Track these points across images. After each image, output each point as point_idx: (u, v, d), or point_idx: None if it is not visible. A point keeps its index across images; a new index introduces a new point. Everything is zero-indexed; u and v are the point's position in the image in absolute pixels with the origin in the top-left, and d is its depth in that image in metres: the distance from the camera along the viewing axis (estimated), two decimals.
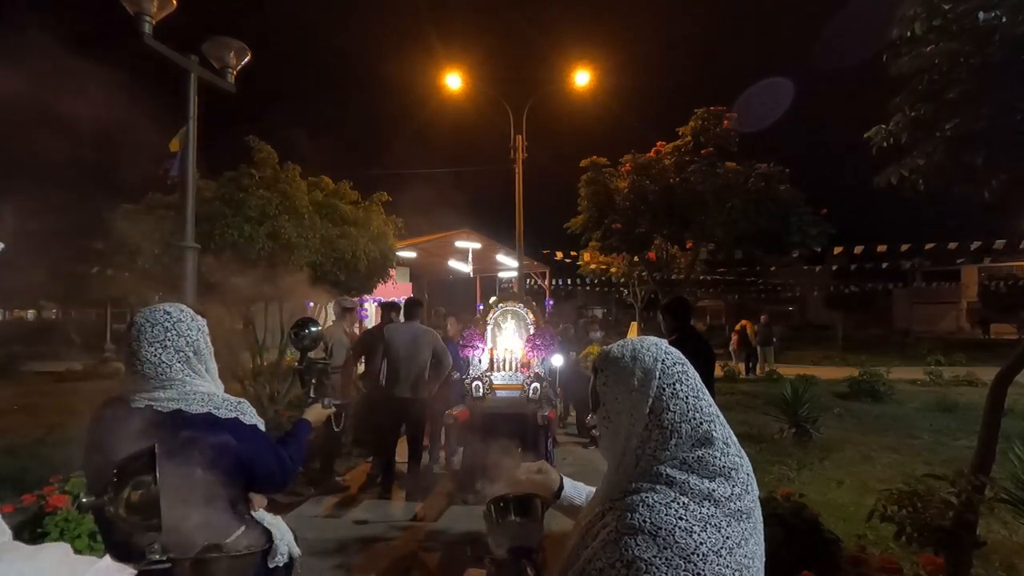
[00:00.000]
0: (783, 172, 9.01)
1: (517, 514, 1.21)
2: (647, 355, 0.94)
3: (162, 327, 1.39)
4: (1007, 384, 2.85)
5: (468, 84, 11.74)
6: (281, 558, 1.57)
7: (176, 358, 1.39)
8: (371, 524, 4.22)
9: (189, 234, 3.97)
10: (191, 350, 1.42)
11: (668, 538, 0.78)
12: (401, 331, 4.98)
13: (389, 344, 4.90)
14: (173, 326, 1.40)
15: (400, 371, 4.82)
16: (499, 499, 1.23)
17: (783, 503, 2.96)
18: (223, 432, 1.38)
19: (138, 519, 1.04)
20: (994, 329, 28.81)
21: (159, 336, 1.38)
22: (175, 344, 1.39)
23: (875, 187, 3.04)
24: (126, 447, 1.12)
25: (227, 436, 1.38)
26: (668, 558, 0.77)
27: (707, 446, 0.88)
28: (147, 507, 1.02)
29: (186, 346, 1.41)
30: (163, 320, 1.41)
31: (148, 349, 1.37)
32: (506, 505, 1.21)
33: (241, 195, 5.25)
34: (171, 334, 1.39)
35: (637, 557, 0.78)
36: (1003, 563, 3.29)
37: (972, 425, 5.60)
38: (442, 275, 19.70)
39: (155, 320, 1.40)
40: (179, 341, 1.40)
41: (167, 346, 1.38)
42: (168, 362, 1.38)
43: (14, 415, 8.66)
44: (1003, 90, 2.49)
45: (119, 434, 1.33)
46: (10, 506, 3.41)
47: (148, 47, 3.61)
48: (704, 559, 0.78)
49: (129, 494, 1.02)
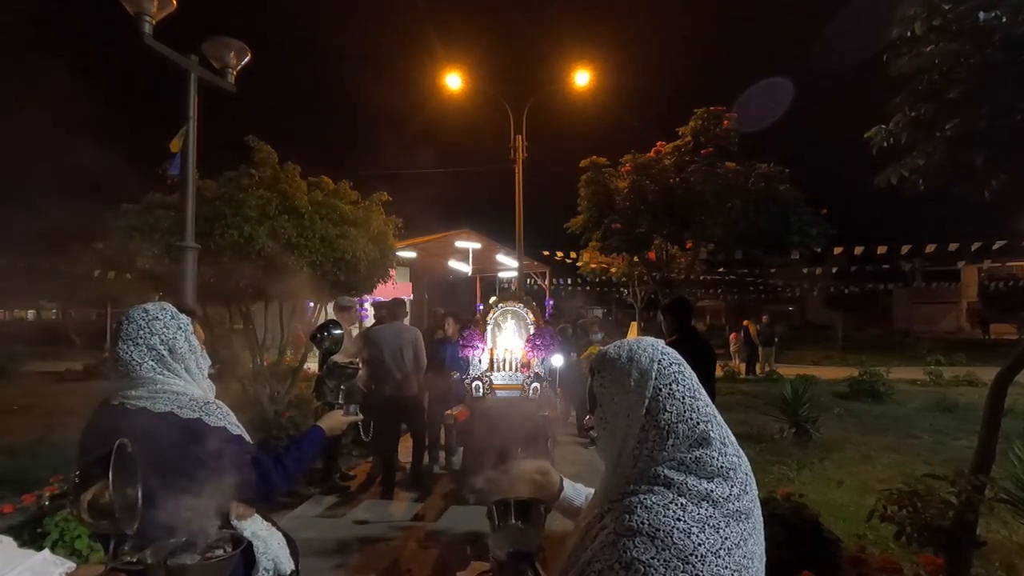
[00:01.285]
0: (783, 172, 9.01)
1: (518, 518, 1.21)
2: (643, 356, 0.94)
3: (136, 325, 1.39)
4: (1007, 384, 2.85)
5: (468, 84, 11.73)
6: (265, 573, 1.51)
7: (149, 356, 1.38)
8: (371, 524, 4.22)
9: (189, 234, 3.97)
10: (165, 348, 1.40)
11: (666, 539, 0.78)
12: (385, 331, 5.08)
13: (374, 344, 4.97)
14: (148, 324, 1.40)
15: (387, 370, 4.88)
16: (501, 502, 1.24)
17: (783, 503, 2.96)
18: (183, 432, 1.34)
19: (99, 522, 1.02)
20: (994, 329, 28.83)
21: (132, 334, 1.38)
22: (147, 342, 1.39)
23: (875, 187, 3.04)
24: (100, 446, 1.10)
25: (187, 437, 1.34)
26: (666, 559, 0.77)
27: (704, 446, 0.87)
28: (104, 509, 1.00)
29: (159, 344, 1.40)
30: (139, 318, 1.40)
31: (122, 347, 1.37)
32: (507, 509, 1.22)
33: (241, 195, 5.25)
34: (144, 332, 1.39)
35: (635, 559, 0.78)
36: (1003, 563, 3.29)
37: (972, 425, 5.59)
38: (442, 275, 19.70)
39: (132, 318, 1.40)
40: (152, 339, 1.39)
41: (139, 344, 1.38)
42: (139, 360, 1.37)
43: (14, 415, 8.67)
44: (1003, 90, 2.49)
45: (98, 433, 1.34)
46: (10, 506, 3.41)
47: (148, 47, 3.61)
48: (702, 560, 0.78)
49: (88, 495, 1.01)
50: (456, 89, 11.57)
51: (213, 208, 5.07)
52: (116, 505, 0.99)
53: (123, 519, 1.01)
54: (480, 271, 19.14)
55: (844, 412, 8.39)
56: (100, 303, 21.86)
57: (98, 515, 1.01)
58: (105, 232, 5.31)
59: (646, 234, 9.75)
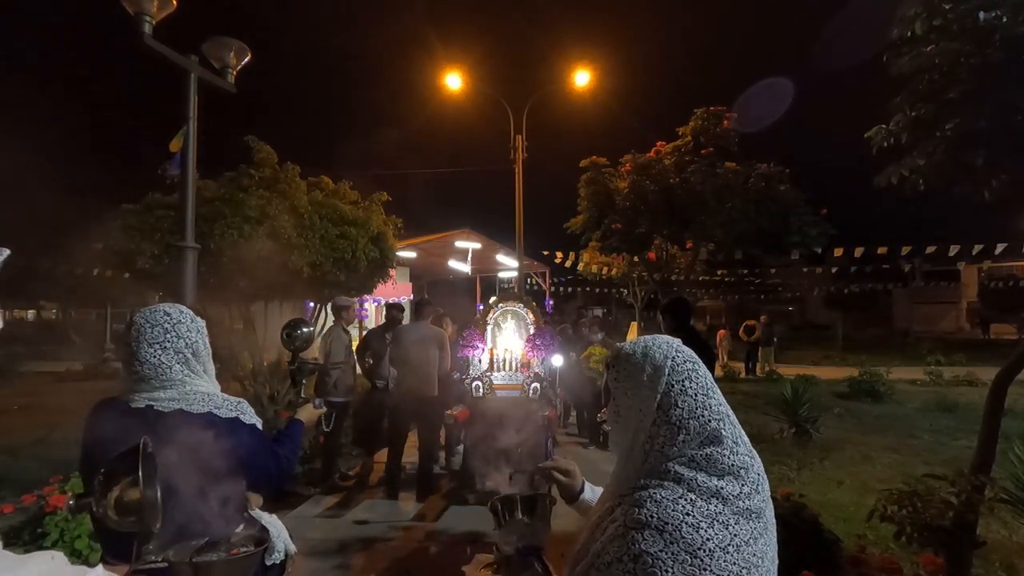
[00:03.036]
0: (783, 172, 9.02)
1: (524, 513, 1.22)
2: (658, 352, 0.96)
3: (162, 328, 1.40)
4: (1007, 384, 2.85)
5: (468, 84, 11.72)
6: (278, 555, 1.57)
7: (176, 359, 1.40)
8: (371, 524, 4.22)
9: (189, 234, 3.97)
10: (190, 351, 1.43)
11: (675, 533, 0.79)
12: (410, 331, 5.05)
13: (397, 344, 4.94)
14: (173, 328, 1.41)
15: (409, 370, 4.86)
16: (506, 498, 1.24)
17: (783, 503, 2.96)
18: (224, 432, 1.38)
19: (125, 519, 1.03)
20: (994, 329, 28.77)
21: (159, 337, 1.39)
22: (175, 346, 1.40)
23: (875, 187, 3.04)
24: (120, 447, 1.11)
25: (228, 436, 1.38)
26: (674, 552, 0.78)
27: (716, 444, 0.88)
28: (134, 507, 1.01)
29: (185, 348, 1.42)
30: (163, 321, 1.41)
31: (148, 350, 1.38)
32: (513, 504, 1.22)
33: (241, 195, 5.25)
34: (171, 335, 1.40)
35: (644, 551, 0.79)
36: (1003, 563, 3.28)
37: (972, 425, 5.59)
38: (442, 275, 19.70)
39: (155, 321, 1.41)
40: (179, 343, 1.41)
41: (167, 347, 1.39)
42: (168, 363, 1.39)
43: (14, 415, 8.67)
44: (1003, 90, 2.50)
45: (119, 434, 1.32)
46: (10, 506, 3.41)
47: (148, 47, 3.61)
48: (710, 555, 0.78)
49: (116, 494, 1.01)
50: (456, 89, 11.56)
51: (213, 208, 5.08)
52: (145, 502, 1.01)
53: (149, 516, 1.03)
54: (480, 271, 19.13)
55: (844, 412, 8.39)
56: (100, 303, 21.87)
57: (124, 512, 1.02)
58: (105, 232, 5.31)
59: (646, 234, 9.76)
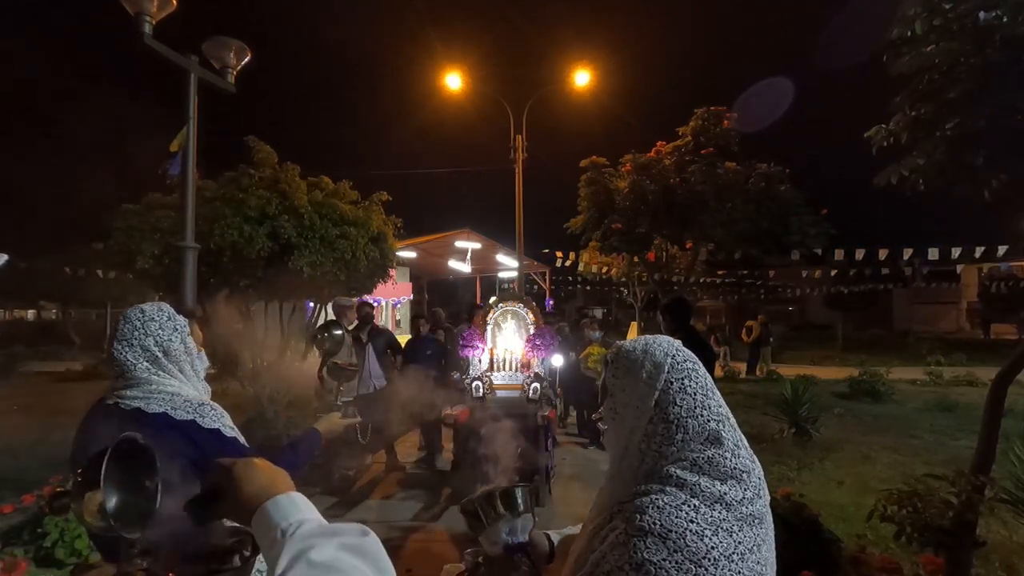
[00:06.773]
0: (783, 172, 9.03)
1: (506, 509, 1.19)
2: (658, 349, 0.95)
3: (132, 326, 1.39)
4: (1007, 384, 2.84)
5: (468, 84, 11.74)
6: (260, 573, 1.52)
7: (143, 357, 1.39)
8: (371, 524, 4.20)
9: (189, 234, 3.97)
10: (159, 350, 1.40)
11: (679, 541, 0.77)
12: None
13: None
14: (143, 325, 1.40)
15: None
16: (484, 495, 1.21)
17: (783, 503, 2.96)
18: (176, 433, 1.33)
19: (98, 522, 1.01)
20: (994, 329, 28.78)
21: (127, 335, 1.38)
22: (142, 343, 1.39)
23: (875, 187, 3.04)
24: (95, 445, 1.10)
25: (180, 438, 1.33)
26: (678, 561, 0.75)
27: (717, 446, 0.86)
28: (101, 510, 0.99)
29: (154, 345, 1.40)
30: (134, 319, 1.40)
31: (116, 347, 1.38)
32: (492, 501, 1.19)
33: (241, 195, 5.25)
34: (138, 333, 1.39)
35: (647, 560, 0.76)
36: (1003, 563, 3.28)
37: (972, 425, 5.59)
38: (442, 275, 19.71)
39: (128, 318, 1.41)
40: (146, 340, 1.39)
41: (133, 344, 1.38)
42: (133, 361, 1.37)
43: (14, 415, 8.67)
44: (1003, 90, 2.49)
45: (93, 432, 1.33)
46: (10, 506, 3.41)
47: (148, 47, 3.61)
48: (715, 564, 0.76)
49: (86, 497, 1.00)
50: (456, 89, 11.58)
51: (213, 208, 5.07)
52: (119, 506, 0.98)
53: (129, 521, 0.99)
54: (480, 271, 19.14)
55: (844, 412, 8.38)
56: (100, 303, 21.86)
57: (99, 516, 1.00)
58: (105, 232, 5.31)
59: (646, 234, 9.76)
